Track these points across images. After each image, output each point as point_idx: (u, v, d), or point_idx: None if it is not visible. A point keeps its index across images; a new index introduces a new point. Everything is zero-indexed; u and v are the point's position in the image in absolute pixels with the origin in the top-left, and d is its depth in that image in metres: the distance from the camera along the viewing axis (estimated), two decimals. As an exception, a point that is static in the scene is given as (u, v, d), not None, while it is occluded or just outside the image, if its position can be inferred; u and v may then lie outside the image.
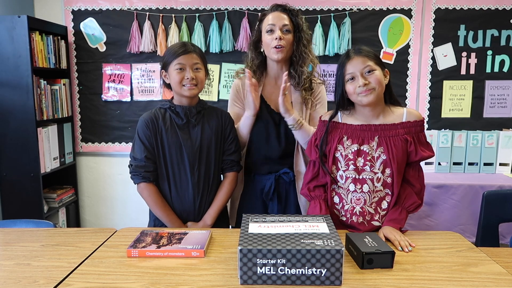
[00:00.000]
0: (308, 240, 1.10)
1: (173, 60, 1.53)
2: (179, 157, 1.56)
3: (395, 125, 1.42)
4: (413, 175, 1.45)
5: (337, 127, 1.48)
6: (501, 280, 1.10)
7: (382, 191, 1.43)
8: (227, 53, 3.00)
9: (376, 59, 1.41)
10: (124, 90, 3.12)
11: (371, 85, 1.38)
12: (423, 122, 1.45)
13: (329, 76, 2.99)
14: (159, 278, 1.10)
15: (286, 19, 1.64)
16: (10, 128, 2.67)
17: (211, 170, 1.61)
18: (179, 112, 1.57)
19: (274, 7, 1.67)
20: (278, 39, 1.61)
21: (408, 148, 1.41)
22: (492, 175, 2.74)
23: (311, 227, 1.21)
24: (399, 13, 2.93)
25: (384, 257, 1.16)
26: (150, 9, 3.00)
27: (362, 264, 1.15)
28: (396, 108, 1.46)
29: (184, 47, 1.54)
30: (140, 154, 1.55)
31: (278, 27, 1.62)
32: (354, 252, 1.21)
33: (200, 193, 1.59)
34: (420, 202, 1.45)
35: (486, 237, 1.83)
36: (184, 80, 1.52)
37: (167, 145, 1.56)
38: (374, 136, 1.42)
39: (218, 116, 1.64)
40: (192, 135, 1.57)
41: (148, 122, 1.55)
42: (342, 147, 1.45)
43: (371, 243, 1.20)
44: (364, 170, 1.42)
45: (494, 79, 2.96)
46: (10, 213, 2.76)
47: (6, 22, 2.59)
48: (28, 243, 1.37)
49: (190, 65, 1.53)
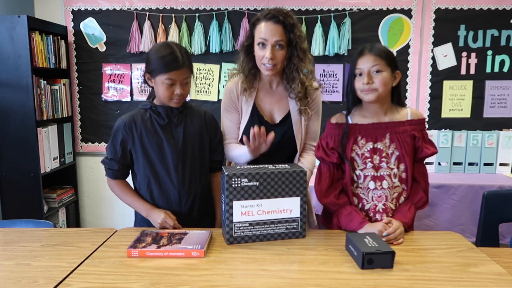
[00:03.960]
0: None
1: (163, 72, 1.45)
2: (162, 157, 1.54)
3: (402, 122, 1.47)
4: (418, 172, 1.49)
5: (349, 128, 1.48)
6: (501, 280, 1.09)
7: (399, 186, 1.47)
8: (227, 53, 3.00)
9: (388, 59, 1.40)
10: (124, 90, 3.12)
11: (374, 85, 1.39)
12: (425, 120, 1.51)
13: (329, 76, 2.98)
14: (159, 278, 1.10)
15: (280, 33, 1.48)
16: (10, 128, 2.67)
17: (196, 169, 1.60)
18: (160, 112, 1.54)
19: (268, 16, 1.49)
20: (269, 59, 1.48)
21: (416, 143, 1.46)
22: (492, 175, 2.74)
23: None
24: (399, 13, 2.93)
25: (384, 257, 1.16)
26: (150, 9, 3.00)
27: (362, 264, 1.15)
28: (401, 109, 1.51)
29: (175, 61, 1.44)
30: (109, 154, 1.57)
31: (270, 43, 1.48)
32: (354, 252, 1.21)
33: (186, 192, 1.57)
34: (426, 199, 1.48)
35: (486, 237, 1.83)
36: (173, 95, 1.48)
37: (149, 146, 1.54)
38: (385, 133, 1.46)
39: (201, 116, 1.62)
40: (175, 135, 1.55)
41: (125, 126, 1.53)
42: (358, 147, 1.47)
43: (371, 243, 1.20)
44: (381, 167, 1.45)
45: (494, 79, 2.95)
46: (10, 213, 2.76)
47: (6, 22, 2.59)
48: (28, 243, 1.37)
49: (181, 81, 1.47)
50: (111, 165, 1.57)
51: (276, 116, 1.64)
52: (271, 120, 1.63)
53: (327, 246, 1.32)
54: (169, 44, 1.48)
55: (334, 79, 2.97)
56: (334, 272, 1.14)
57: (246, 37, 1.59)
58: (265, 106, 1.64)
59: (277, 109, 1.64)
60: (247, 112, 1.62)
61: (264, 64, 1.51)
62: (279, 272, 1.14)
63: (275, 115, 1.64)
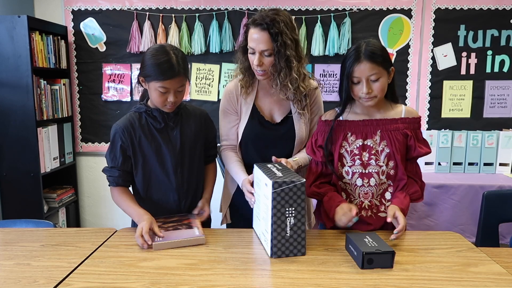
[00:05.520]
0: None
1: (157, 80, 1.41)
2: (161, 161, 1.53)
3: (395, 119, 1.46)
4: (411, 171, 1.48)
5: (340, 125, 1.49)
6: (501, 280, 1.10)
7: (385, 183, 1.47)
8: (227, 53, 3.00)
9: (383, 62, 1.39)
10: (124, 90, 3.12)
11: (374, 93, 1.39)
12: (420, 119, 1.50)
13: (329, 76, 2.98)
14: (159, 278, 1.10)
15: (266, 41, 1.45)
16: (10, 128, 2.67)
17: (195, 171, 1.61)
18: (156, 116, 1.52)
19: (256, 22, 1.47)
20: (257, 65, 1.49)
21: (408, 141, 1.45)
22: (492, 175, 2.74)
23: None
24: (399, 13, 2.93)
25: (384, 257, 1.16)
26: (150, 9, 3.00)
27: (362, 264, 1.15)
28: (395, 105, 1.50)
29: (171, 70, 1.40)
30: (110, 162, 1.53)
31: (258, 51, 1.47)
32: (354, 252, 1.21)
33: (184, 194, 1.58)
34: (421, 193, 1.48)
35: (486, 237, 1.83)
36: (166, 102, 1.46)
37: (148, 150, 1.52)
38: (376, 130, 1.46)
39: (197, 117, 1.61)
40: (172, 138, 1.54)
41: (123, 132, 1.50)
42: (347, 143, 1.48)
43: (371, 243, 1.20)
44: (370, 164, 1.45)
45: (494, 79, 2.96)
46: (10, 213, 2.76)
47: (6, 22, 2.59)
48: (28, 243, 1.37)
49: (175, 89, 1.44)
50: (112, 173, 1.52)
51: (277, 116, 1.64)
52: (272, 120, 1.63)
53: (327, 246, 1.32)
54: (166, 49, 1.42)
55: (334, 79, 2.97)
56: (334, 272, 1.14)
57: (242, 37, 1.59)
58: (265, 106, 1.64)
59: (278, 109, 1.63)
60: (246, 113, 1.62)
61: (255, 69, 1.53)
62: (279, 272, 1.14)
63: (275, 115, 1.64)
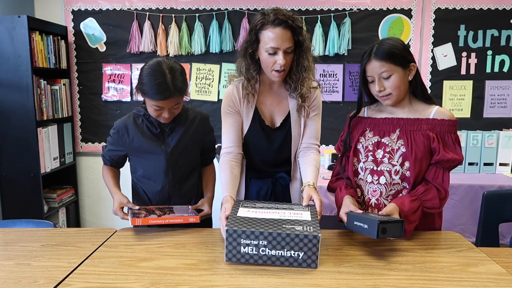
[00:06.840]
0: (289, 226, 1.19)
1: (152, 98, 1.43)
2: (155, 161, 1.58)
3: (418, 120, 1.40)
4: (430, 176, 1.39)
5: (361, 122, 1.52)
6: (501, 280, 1.10)
7: (399, 184, 1.41)
8: (227, 53, 3.00)
9: (394, 59, 1.35)
10: (124, 90, 3.12)
11: (387, 91, 1.38)
12: (452, 122, 1.38)
13: (329, 76, 2.98)
14: (159, 278, 1.10)
15: (289, 39, 1.44)
16: (10, 128, 2.67)
17: (188, 174, 1.64)
18: (153, 121, 1.56)
19: (276, 21, 1.42)
20: (282, 65, 1.45)
21: (431, 144, 1.37)
22: (492, 175, 2.74)
23: (295, 214, 1.30)
24: (399, 13, 2.93)
25: (396, 226, 1.19)
26: (150, 9, 3.00)
27: (377, 234, 1.15)
28: (429, 106, 1.43)
29: (166, 91, 1.41)
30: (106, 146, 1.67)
31: (282, 50, 1.44)
32: (363, 225, 1.22)
33: (177, 197, 1.62)
34: (438, 203, 1.37)
35: (486, 237, 1.83)
36: (160, 117, 1.49)
37: (142, 150, 1.58)
38: (396, 129, 1.43)
39: (194, 121, 1.62)
40: (167, 141, 1.57)
41: (118, 131, 1.59)
42: (364, 139, 1.49)
43: (378, 217, 1.23)
44: (383, 162, 1.43)
45: (494, 79, 2.96)
46: (10, 213, 2.76)
47: (6, 22, 2.59)
48: (28, 243, 1.37)
49: (169, 108, 1.46)
50: (105, 155, 1.68)
51: (277, 118, 1.63)
52: (272, 124, 1.63)
53: (327, 246, 1.32)
54: (162, 69, 1.42)
55: (334, 79, 2.97)
56: (334, 272, 1.14)
57: (248, 41, 1.51)
58: (266, 108, 1.63)
59: (278, 111, 1.63)
60: (248, 117, 1.61)
61: (275, 70, 1.48)
62: (279, 272, 1.14)
63: (275, 117, 1.63)
